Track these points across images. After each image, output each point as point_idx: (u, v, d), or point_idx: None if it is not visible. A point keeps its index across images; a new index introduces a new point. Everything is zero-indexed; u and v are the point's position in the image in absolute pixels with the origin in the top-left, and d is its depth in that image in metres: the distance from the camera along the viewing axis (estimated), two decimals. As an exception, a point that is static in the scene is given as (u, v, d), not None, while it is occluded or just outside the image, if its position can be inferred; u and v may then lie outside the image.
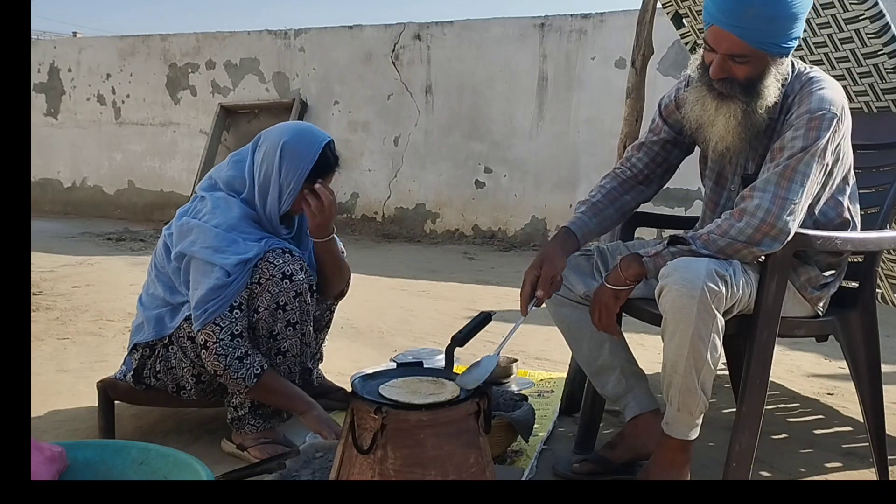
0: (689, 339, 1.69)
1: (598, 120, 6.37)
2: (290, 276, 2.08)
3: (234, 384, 2.04)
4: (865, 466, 2.16)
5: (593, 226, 2.00)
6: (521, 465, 2.10)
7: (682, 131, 2.01)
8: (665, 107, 2.06)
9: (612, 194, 2.05)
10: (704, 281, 1.66)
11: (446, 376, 1.67)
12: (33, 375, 2.66)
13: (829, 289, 1.93)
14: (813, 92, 1.77)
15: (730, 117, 1.80)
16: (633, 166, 2.08)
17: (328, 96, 7.46)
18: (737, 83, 1.77)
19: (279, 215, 2.15)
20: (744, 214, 1.73)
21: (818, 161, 1.75)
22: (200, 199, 2.17)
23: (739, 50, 1.74)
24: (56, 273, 4.93)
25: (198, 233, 2.06)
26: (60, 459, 1.61)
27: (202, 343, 2.02)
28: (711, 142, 1.87)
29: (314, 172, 2.13)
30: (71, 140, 8.67)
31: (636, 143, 2.12)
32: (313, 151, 2.12)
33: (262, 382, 2.04)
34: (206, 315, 2.00)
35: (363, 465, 1.48)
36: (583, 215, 2.01)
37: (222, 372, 2.02)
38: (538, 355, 3.23)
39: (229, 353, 2.01)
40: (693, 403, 1.76)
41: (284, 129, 2.18)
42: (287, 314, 2.10)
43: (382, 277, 4.87)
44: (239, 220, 2.09)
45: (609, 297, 1.86)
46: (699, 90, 1.84)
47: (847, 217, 1.89)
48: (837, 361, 3.10)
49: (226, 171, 2.21)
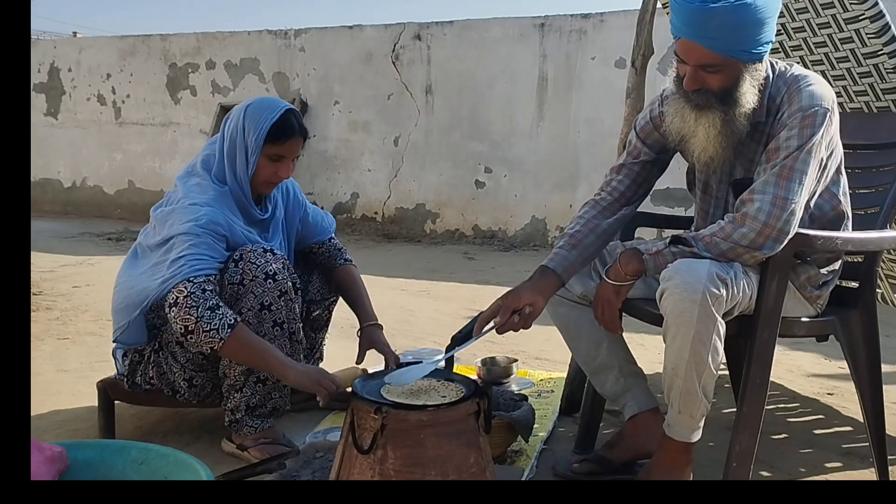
0: (690, 343, 1.69)
1: (598, 120, 6.37)
2: (273, 275, 2.05)
3: (207, 339, 1.91)
4: (865, 466, 2.16)
5: (573, 258, 1.93)
6: (521, 465, 2.10)
7: (661, 150, 2.00)
8: (641, 128, 2.02)
9: (592, 223, 1.99)
10: (706, 284, 1.66)
11: (446, 376, 1.67)
12: (33, 375, 2.66)
13: (829, 286, 1.93)
14: (801, 90, 1.77)
15: (709, 127, 1.78)
16: (615, 189, 2.04)
17: (328, 96, 7.46)
18: (711, 93, 1.76)
19: (249, 181, 2.12)
20: (746, 218, 1.73)
21: (814, 157, 1.75)
22: (174, 189, 2.17)
23: (709, 60, 1.72)
24: (56, 273, 4.93)
25: (177, 214, 2.04)
26: (60, 459, 1.61)
27: (172, 301, 1.92)
28: (695, 153, 1.85)
29: (275, 131, 2.09)
30: (71, 140, 8.67)
31: (615, 166, 2.08)
32: (275, 112, 2.10)
33: (236, 334, 1.92)
34: (182, 272, 1.93)
35: (363, 465, 1.49)
36: (560, 250, 1.94)
37: (193, 326, 1.90)
38: (538, 355, 3.23)
39: (199, 304, 1.90)
40: (694, 406, 1.76)
41: (252, 98, 2.20)
42: (273, 314, 2.06)
43: (382, 277, 4.87)
44: (212, 200, 2.07)
45: (610, 293, 1.86)
46: (677, 102, 1.83)
47: (842, 209, 1.90)
48: (837, 361, 3.10)
49: (202, 153, 2.21)
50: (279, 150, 2.11)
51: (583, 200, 7.57)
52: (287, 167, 2.15)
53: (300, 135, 2.15)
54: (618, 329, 1.93)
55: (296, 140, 2.14)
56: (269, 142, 2.09)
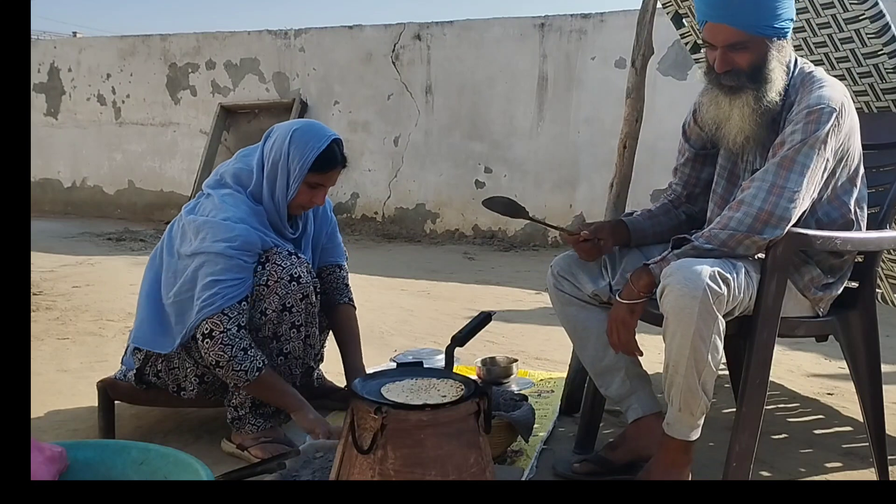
0: (691, 340, 1.69)
1: (598, 120, 6.37)
2: (298, 278, 2.09)
3: (235, 376, 2.02)
4: (865, 466, 2.16)
5: (647, 226, 2.10)
6: (521, 465, 2.10)
7: (703, 145, 2.06)
8: (686, 127, 2.10)
9: (665, 207, 2.15)
10: (706, 281, 1.66)
11: (447, 376, 1.67)
12: (33, 375, 2.66)
13: (833, 290, 1.92)
14: (812, 90, 1.80)
15: (743, 107, 1.83)
16: (674, 192, 2.17)
17: (328, 96, 7.46)
18: (742, 73, 1.82)
19: (286, 204, 2.15)
20: (741, 205, 1.76)
21: (818, 153, 1.76)
22: (207, 197, 2.16)
23: (736, 38, 1.79)
24: (56, 273, 4.93)
25: (208, 228, 2.05)
26: (60, 459, 1.61)
27: (207, 332, 2.00)
28: (731, 135, 1.89)
29: (320, 161, 2.12)
30: (71, 140, 8.67)
31: (673, 169, 2.19)
32: (321, 140, 2.12)
33: (262, 377, 2.04)
34: (215, 303, 1.98)
35: (363, 465, 1.48)
36: (639, 216, 2.11)
37: (225, 363, 2.00)
38: (538, 355, 3.23)
39: (235, 343, 2.00)
40: (694, 404, 1.76)
41: (296, 121, 2.22)
42: (293, 316, 2.11)
43: (382, 277, 4.87)
44: (247, 216, 2.09)
45: (625, 313, 1.85)
46: (711, 91, 1.89)
47: (851, 218, 1.89)
48: (837, 361, 3.10)
49: (233, 164, 2.21)
50: (320, 179, 2.14)
51: (583, 200, 7.51)
52: (323, 195, 2.20)
53: (342, 165, 2.19)
54: (636, 351, 1.90)
55: (337, 171, 2.18)
56: (313, 171, 2.12)
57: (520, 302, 4.37)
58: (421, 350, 2.97)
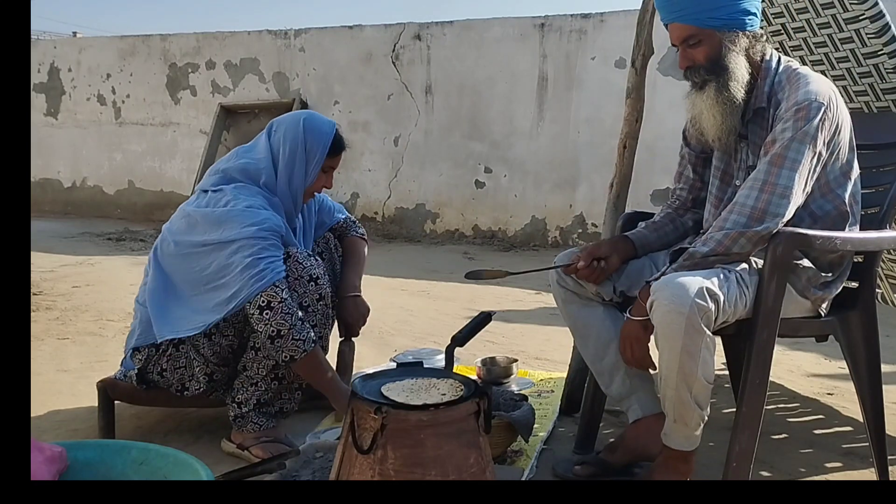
0: (679, 355, 1.70)
1: (598, 120, 6.37)
2: (316, 279, 2.14)
3: (293, 346, 2.00)
4: (865, 466, 2.16)
5: (652, 238, 2.11)
6: (521, 465, 2.10)
7: (704, 148, 2.09)
8: (686, 132, 2.14)
9: (670, 215, 2.17)
10: (693, 298, 1.67)
11: (447, 376, 1.67)
12: (33, 375, 2.66)
13: (832, 288, 1.93)
14: (800, 87, 1.83)
15: (706, 98, 1.89)
16: (679, 196, 2.19)
17: (328, 96, 7.46)
18: (701, 67, 1.88)
19: (304, 190, 2.23)
20: (735, 206, 1.79)
21: (808, 147, 1.78)
22: (219, 191, 2.15)
23: (687, 33, 1.86)
24: (56, 273, 4.93)
25: (235, 217, 2.05)
26: (60, 459, 1.61)
27: (265, 304, 1.99)
28: (709, 131, 1.93)
29: (333, 147, 2.24)
30: (71, 140, 8.67)
31: (675, 175, 2.22)
32: (330, 126, 2.26)
33: (316, 351, 2.06)
34: (265, 277, 1.99)
35: (363, 465, 1.48)
36: (643, 229, 2.12)
37: (286, 332, 2.00)
38: (538, 355, 3.23)
39: (293, 312, 2.02)
40: (688, 416, 1.77)
41: (298, 112, 2.32)
42: (309, 315, 2.12)
43: (382, 277, 4.86)
44: (266, 205, 2.14)
45: (637, 330, 1.84)
46: (689, 94, 1.95)
47: (846, 209, 1.90)
48: (837, 361, 3.10)
49: (236, 160, 2.22)
50: (332, 163, 2.27)
51: (583, 200, 7.53)
52: (332, 177, 2.31)
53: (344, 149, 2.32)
54: (650, 365, 1.90)
55: (340, 157, 2.31)
56: (330, 154, 2.24)
57: (520, 302, 4.37)
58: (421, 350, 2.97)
